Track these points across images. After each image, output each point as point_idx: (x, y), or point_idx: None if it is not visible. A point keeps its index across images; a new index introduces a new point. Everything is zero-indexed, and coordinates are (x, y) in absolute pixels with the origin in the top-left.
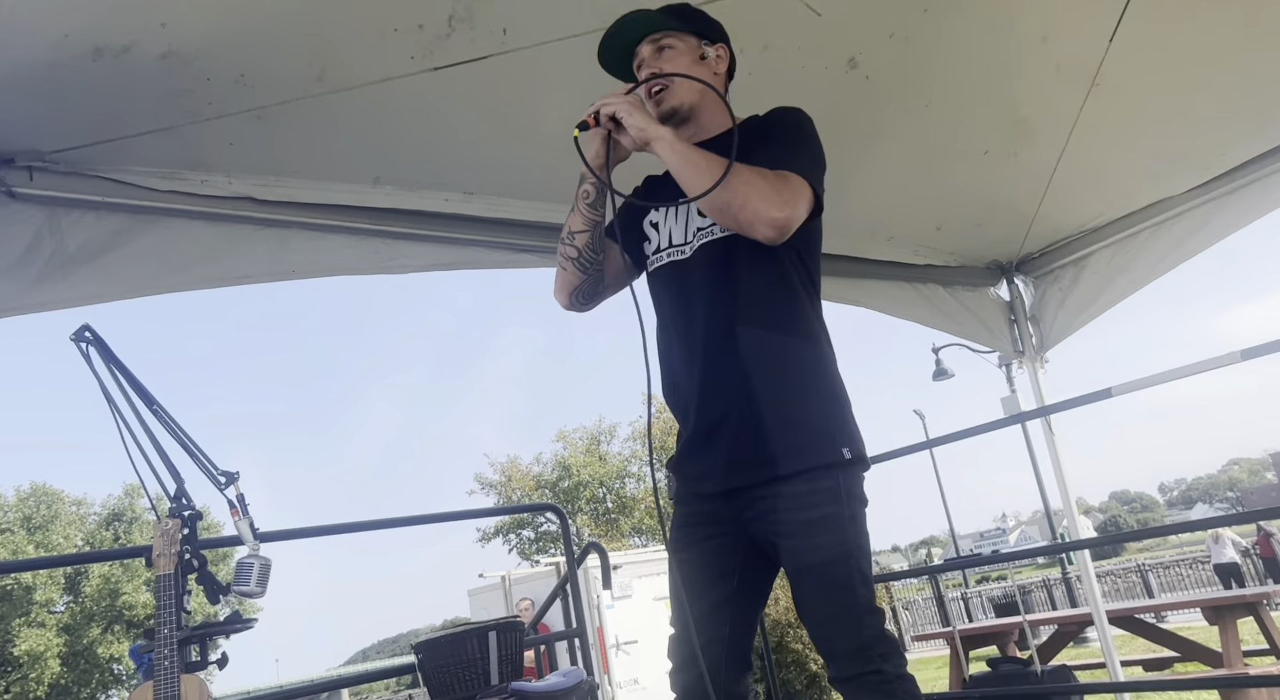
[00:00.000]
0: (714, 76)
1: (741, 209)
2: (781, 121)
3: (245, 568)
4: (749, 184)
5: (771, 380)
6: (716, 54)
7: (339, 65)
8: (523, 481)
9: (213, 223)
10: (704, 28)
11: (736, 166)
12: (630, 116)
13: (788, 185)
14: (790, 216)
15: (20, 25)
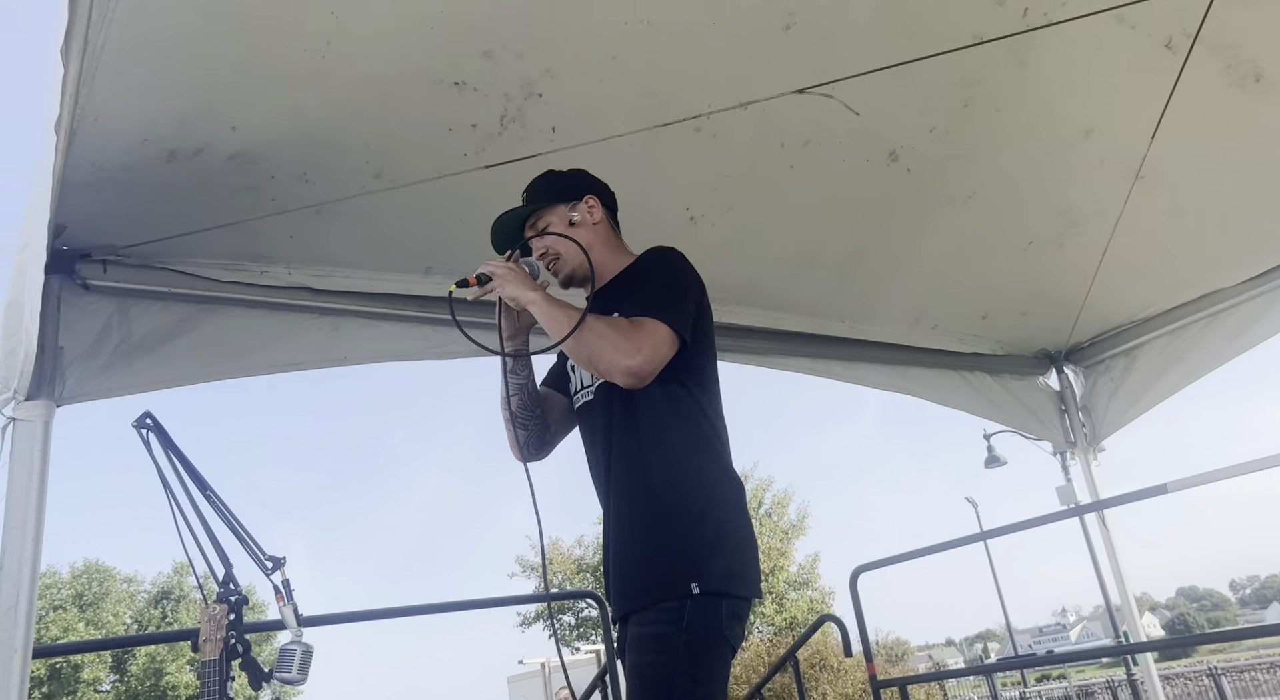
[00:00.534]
0: (591, 227)
1: (598, 360)
2: (644, 266)
3: (288, 654)
4: (602, 336)
5: (634, 520)
6: (586, 208)
7: (395, 163)
8: (564, 564)
9: (271, 311)
10: (564, 192)
11: (590, 321)
12: (504, 288)
13: (640, 332)
14: (643, 363)
15: (103, 133)
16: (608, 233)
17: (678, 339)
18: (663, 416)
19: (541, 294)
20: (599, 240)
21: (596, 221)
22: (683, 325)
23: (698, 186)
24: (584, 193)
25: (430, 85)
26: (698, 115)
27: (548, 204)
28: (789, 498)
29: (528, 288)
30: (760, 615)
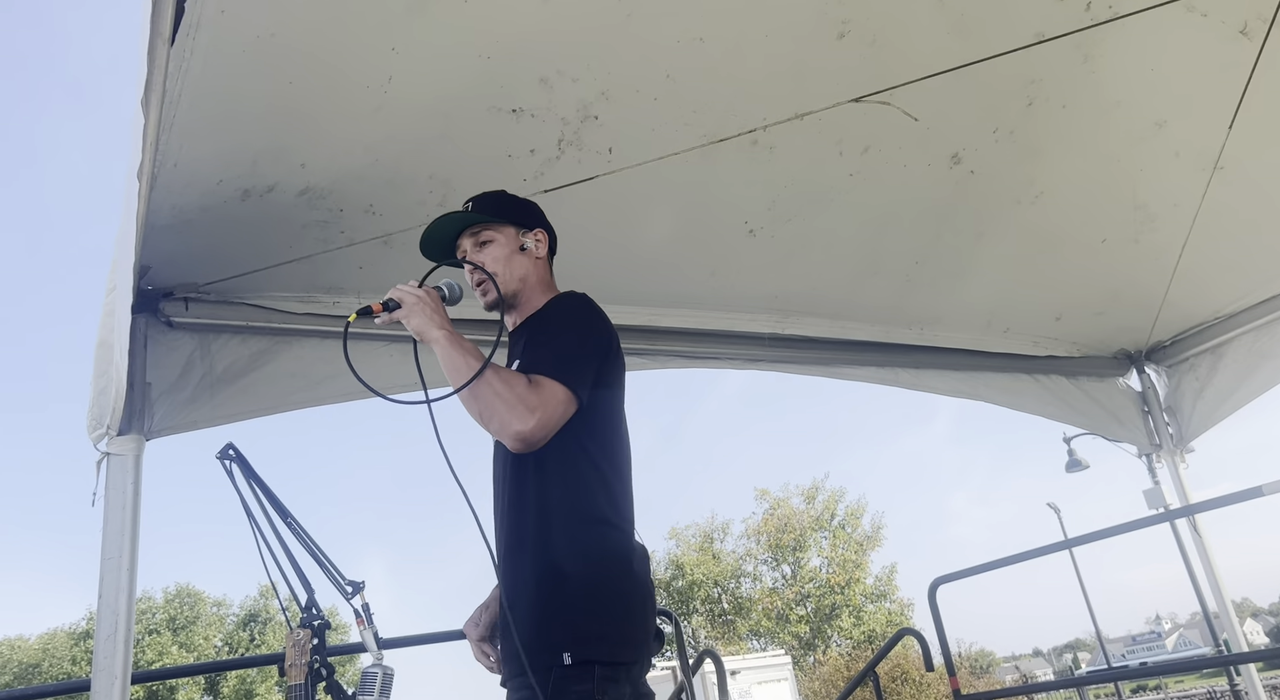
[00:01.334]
0: (534, 260)
1: (490, 420)
2: (548, 317)
3: (370, 678)
4: (497, 394)
5: (514, 581)
6: (535, 239)
7: (458, 192)
8: None
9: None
10: (518, 216)
11: (489, 374)
12: (410, 319)
13: (537, 393)
14: (535, 427)
15: (181, 177)
16: (545, 272)
17: (575, 400)
18: (551, 473)
19: (447, 333)
20: (536, 277)
21: (540, 257)
22: (581, 384)
23: (756, 199)
24: (537, 224)
25: (489, 113)
26: (753, 129)
27: (498, 220)
28: (862, 509)
29: (434, 324)
30: (838, 629)
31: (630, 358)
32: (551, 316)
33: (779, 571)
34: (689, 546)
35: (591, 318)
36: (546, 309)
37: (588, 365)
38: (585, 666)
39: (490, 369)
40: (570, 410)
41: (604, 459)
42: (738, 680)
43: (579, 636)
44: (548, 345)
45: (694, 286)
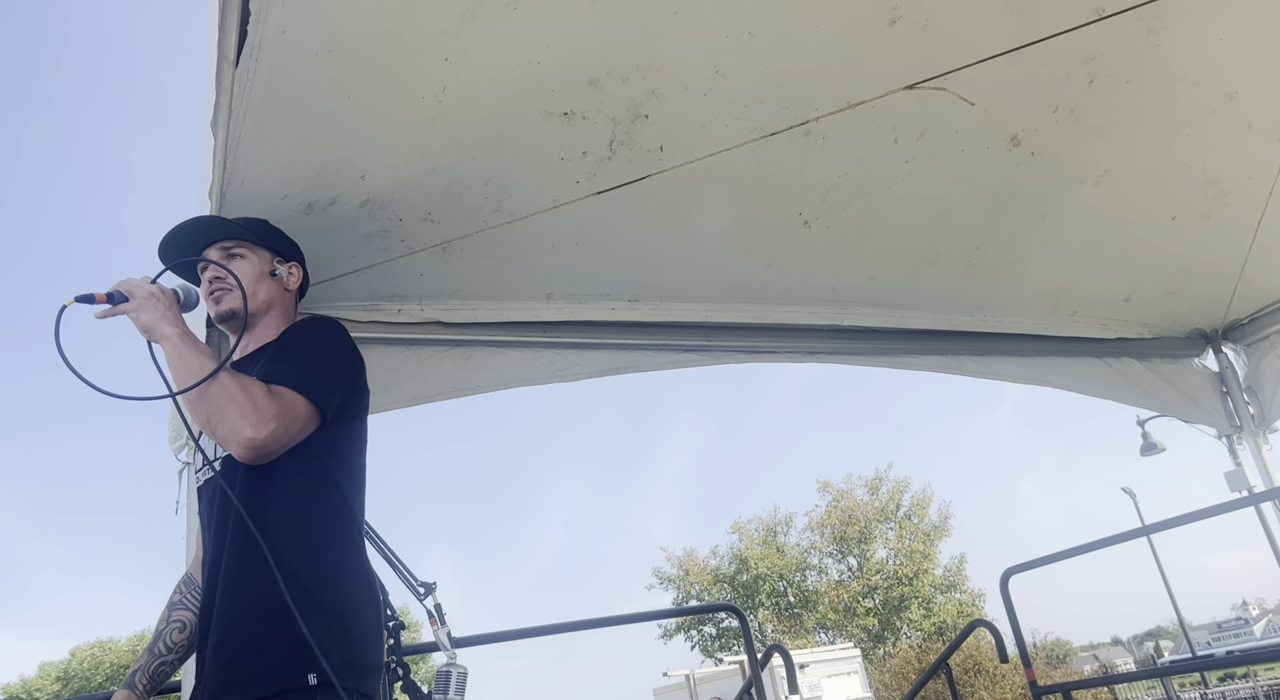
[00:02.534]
0: (282, 290)
1: (219, 424)
2: (296, 334)
3: (444, 677)
4: (231, 398)
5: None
6: (289, 272)
7: (513, 196)
8: (700, 576)
9: (407, 346)
10: (279, 245)
11: (223, 376)
12: (139, 315)
13: (274, 402)
14: (269, 437)
15: (248, 194)
16: (290, 306)
17: (318, 414)
18: (298, 498)
19: (180, 331)
20: (279, 306)
21: (288, 289)
22: (326, 400)
23: (810, 190)
24: (295, 258)
25: (541, 118)
26: (805, 121)
27: (255, 241)
28: (928, 499)
29: (166, 321)
30: (907, 621)
31: (687, 354)
32: (299, 335)
33: (844, 564)
34: (752, 540)
35: (343, 341)
36: (291, 330)
37: (335, 384)
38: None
39: (226, 371)
40: (311, 426)
41: (348, 484)
42: (807, 674)
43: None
44: (292, 359)
45: (750, 281)
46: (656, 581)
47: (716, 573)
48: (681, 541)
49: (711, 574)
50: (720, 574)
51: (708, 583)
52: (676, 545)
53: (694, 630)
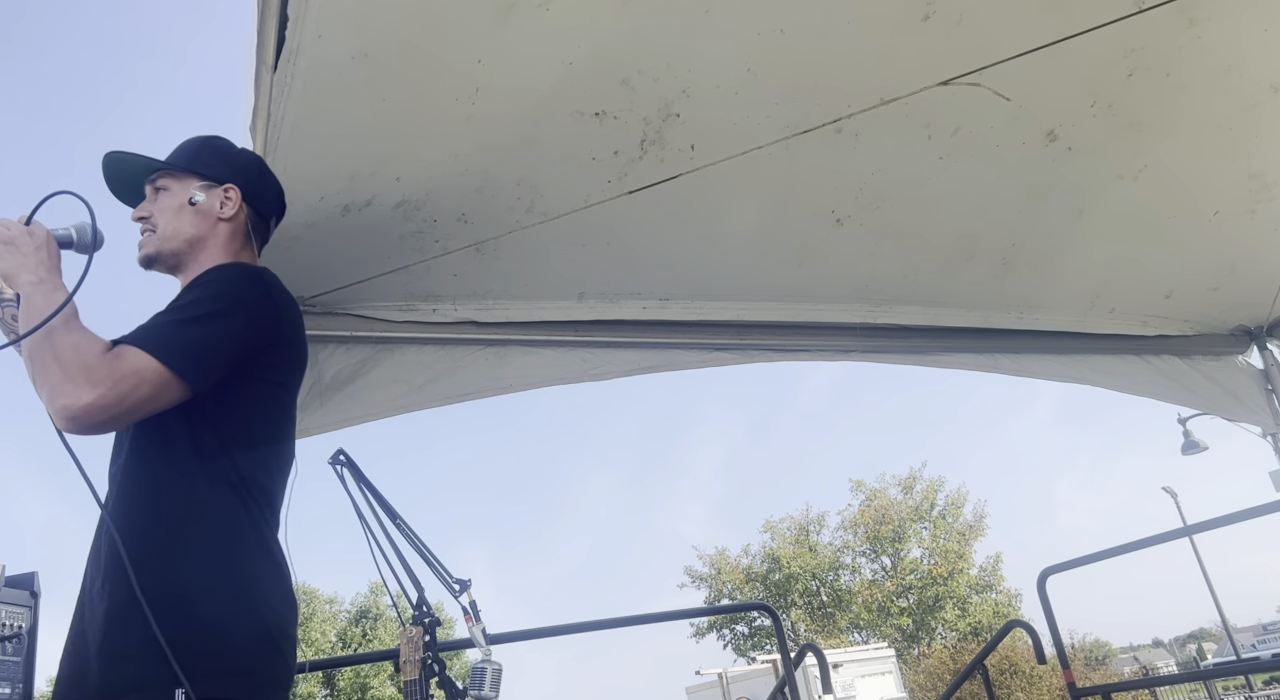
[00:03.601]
0: (211, 221)
1: (41, 386)
2: (192, 285)
3: (480, 673)
4: (58, 358)
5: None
6: (222, 196)
7: (545, 197)
8: (732, 574)
9: (441, 346)
10: (208, 167)
11: (59, 329)
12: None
13: (108, 364)
14: (93, 404)
15: (286, 196)
16: (229, 235)
17: (179, 383)
18: (180, 474)
19: (38, 278)
20: (213, 241)
21: (224, 216)
22: (190, 365)
23: (842, 187)
24: (229, 179)
25: (572, 118)
26: (838, 118)
27: (181, 170)
28: (963, 498)
29: (28, 267)
30: (942, 621)
31: (718, 353)
32: (196, 284)
33: (878, 563)
34: (784, 539)
35: (243, 293)
36: (199, 277)
37: (213, 346)
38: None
39: (62, 327)
40: (166, 395)
41: (253, 465)
42: (840, 673)
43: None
44: (167, 314)
45: (781, 279)
46: (688, 580)
47: (749, 571)
48: (713, 540)
49: (744, 573)
50: (752, 573)
51: (740, 581)
52: (708, 543)
53: (726, 629)
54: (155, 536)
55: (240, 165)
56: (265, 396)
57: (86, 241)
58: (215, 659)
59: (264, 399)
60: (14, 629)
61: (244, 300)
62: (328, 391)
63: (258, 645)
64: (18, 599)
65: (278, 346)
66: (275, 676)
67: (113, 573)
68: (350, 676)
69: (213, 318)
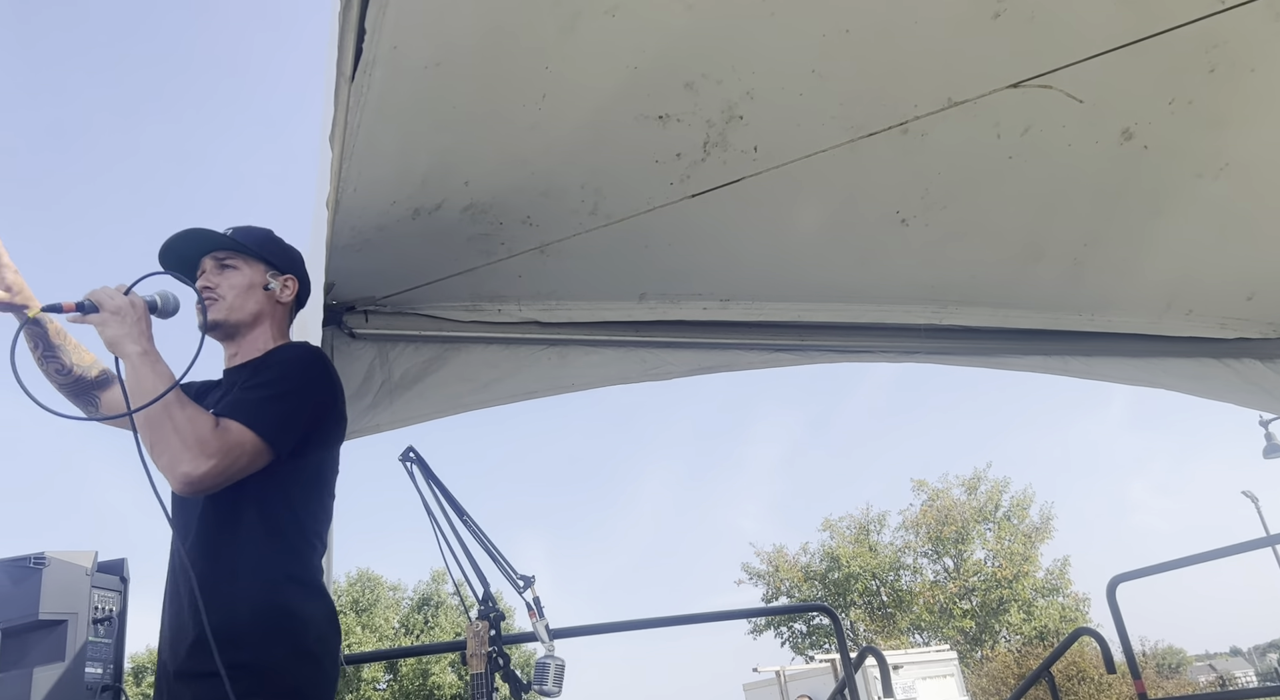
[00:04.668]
0: (274, 305)
1: (160, 453)
2: (272, 363)
3: (543, 668)
4: (176, 429)
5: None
6: (282, 284)
7: (608, 200)
8: (790, 572)
9: (506, 346)
10: (275, 257)
11: (173, 403)
12: (106, 328)
13: (220, 438)
14: (208, 473)
15: (360, 201)
16: (283, 319)
17: (269, 452)
18: (250, 525)
19: (141, 350)
20: (270, 320)
21: (282, 301)
22: (279, 437)
23: (907, 188)
24: (290, 271)
25: (636, 122)
26: (905, 120)
27: (251, 254)
28: (1029, 499)
29: (132, 338)
30: (1006, 624)
31: (779, 354)
32: (271, 363)
33: (940, 564)
34: (844, 539)
35: (314, 372)
36: (270, 354)
37: (294, 419)
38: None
39: (176, 402)
40: (260, 462)
41: (308, 517)
42: (901, 675)
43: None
44: (255, 391)
45: (844, 280)
46: (745, 576)
47: (807, 570)
48: (770, 537)
49: (802, 571)
50: (811, 571)
51: (798, 579)
52: (765, 541)
53: (784, 627)
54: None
55: (294, 260)
56: (320, 459)
57: (169, 308)
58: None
59: (319, 460)
60: (105, 612)
61: (314, 377)
62: (397, 389)
63: (304, 668)
64: (109, 584)
65: (333, 415)
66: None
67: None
68: (412, 663)
69: (292, 395)
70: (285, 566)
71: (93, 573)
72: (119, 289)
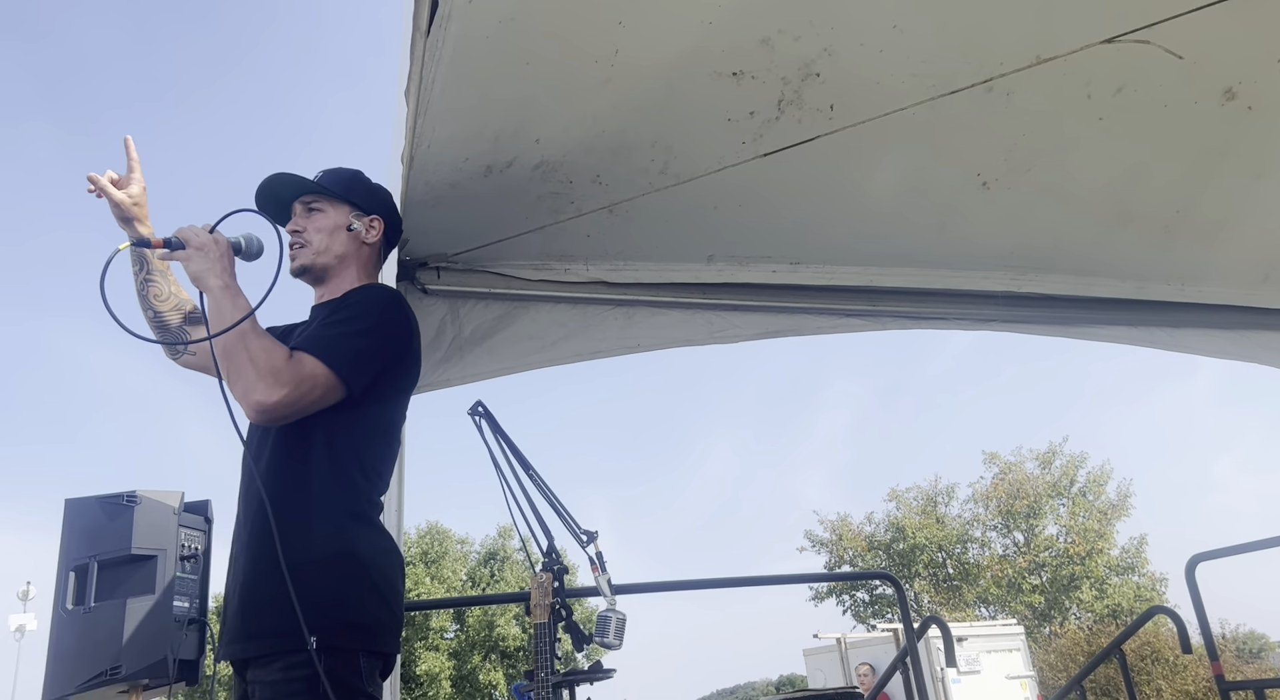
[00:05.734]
0: (358, 244)
1: (236, 379)
2: (350, 302)
3: (605, 621)
4: (253, 358)
5: (254, 561)
6: (367, 225)
7: (679, 158)
8: (854, 541)
9: (574, 305)
10: (359, 198)
11: (249, 332)
12: (191, 262)
13: (294, 369)
14: (280, 402)
15: (434, 157)
16: (368, 259)
17: (342, 387)
18: (294, 454)
19: (222, 284)
20: (356, 261)
21: (368, 242)
22: (354, 374)
23: (990, 149)
24: (375, 211)
25: (710, 79)
26: (989, 78)
27: (336, 196)
28: (1106, 475)
29: (215, 273)
30: (1077, 601)
31: (849, 319)
32: (351, 301)
33: (1010, 538)
34: (910, 509)
35: (390, 313)
36: (350, 293)
37: (368, 357)
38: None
39: (252, 331)
40: (331, 397)
41: (374, 459)
42: (965, 647)
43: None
44: (333, 328)
45: (919, 244)
46: (808, 544)
47: (871, 539)
48: (834, 505)
49: (866, 540)
50: (875, 541)
51: (861, 548)
52: (829, 509)
53: (846, 595)
54: (287, 508)
55: (382, 199)
56: (391, 402)
57: (253, 250)
58: (334, 614)
59: (390, 404)
60: (191, 549)
61: (389, 318)
62: (467, 345)
63: (369, 602)
64: (195, 524)
65: (407, 358)
66: (384, 625)
67: (258, 534)
68: (479, 614)
69: (367, 333)
70: (350, 504)
71: (180, 512)
72: (205, 228)
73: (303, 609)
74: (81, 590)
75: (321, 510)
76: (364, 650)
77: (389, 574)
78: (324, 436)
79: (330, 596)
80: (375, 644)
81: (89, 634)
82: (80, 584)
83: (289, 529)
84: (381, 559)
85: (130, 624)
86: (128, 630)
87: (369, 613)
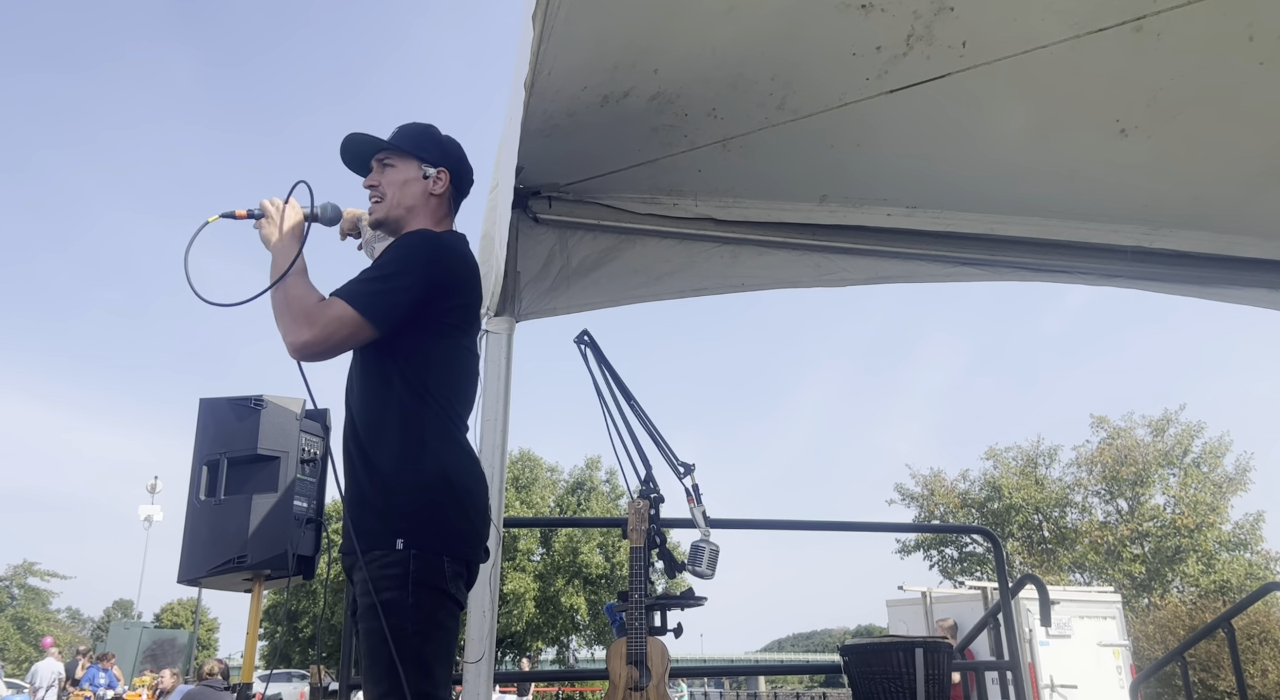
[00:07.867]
0: (426, 195)
1: (279, 323)
2: (390, 247)
3: (698, 551)
4: (288, 305)
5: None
6: (435, 178)
7: (798, 93)
8: (946, 497)
9: (680, 241)
10: (427, 152)
11: (290, 285)
12: (262, 228)
13: (322, 312)
14: (309, 341)
15: (554, 84)
16: (437, 208)
17: (369, 326)
18: (375, 387)
19: (282, 242)
20: (424, 211)
21: (435, 193)
22: (377, 312)
23: (1133, 95)
24: (442, 163)
25: (837, 10)
26: (1140, 15)
27: (406, 151)
28: (1225, 447)
29: (276, 235)
30: (1181, 574)
31: (965, 268)
32: (390, 247)
33: (1113, 505)
34: (1008, 469)
35: (421, 253)
36: (397, 240)
37: (393, 297)
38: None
39: (293, 281)
40: (362, 334)
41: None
42: (1057, 611)
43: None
44: (365, 272)
45: (1047, 192)
46: (898, 497)
47: (965, 496)
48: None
49: (959, 497)
50: (969, 498)
51: (954, 505)
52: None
53: (934, 550)
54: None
55: (450, 151)
56: (439, 333)
57: (327, 216)
58: (421, 519)
59: (439, 334)
60: (311, 454)
61: (420, 259)
62: (574, 276)
63: (451, 511)
64: (314, 430)
65: (448, 295)
66: (464, 533)
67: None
68: (564, 539)
69: (395, 276)
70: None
71: (301, 418)
72: (279, 200)
73: (393, 517)
74: (213, 483)
75: (405, 434)
76: (447, 554)
77: (469, 485)
78: (399, 374)
79: (416, 506)
80: (456, 549)
81: (219, 524)
82: (212, 478)
83: (379, 451)
84: (462, 474)
85: (255, 518)
86: (253, 523)
87: (450, 522)
